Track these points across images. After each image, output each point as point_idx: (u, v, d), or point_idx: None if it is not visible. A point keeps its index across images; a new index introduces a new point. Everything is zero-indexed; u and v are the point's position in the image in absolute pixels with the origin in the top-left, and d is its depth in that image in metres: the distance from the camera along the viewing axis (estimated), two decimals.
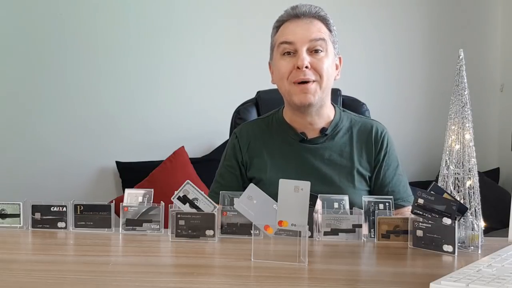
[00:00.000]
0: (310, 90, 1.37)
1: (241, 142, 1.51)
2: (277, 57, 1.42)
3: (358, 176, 1.44)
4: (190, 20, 3.07)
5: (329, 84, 1.41)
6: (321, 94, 1.39)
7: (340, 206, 1.19)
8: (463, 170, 1.10)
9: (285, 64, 1.39)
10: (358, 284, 0.87)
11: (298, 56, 1.37)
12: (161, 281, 0.89)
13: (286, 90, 1.41)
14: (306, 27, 1.38)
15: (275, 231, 1.02)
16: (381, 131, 1.48)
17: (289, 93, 1.40)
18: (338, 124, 1.47)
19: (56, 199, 1.28)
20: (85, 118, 3.04)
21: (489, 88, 3.20)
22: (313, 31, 1.38)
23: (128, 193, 1.26)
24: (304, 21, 1.39)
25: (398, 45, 3.17)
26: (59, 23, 3.01)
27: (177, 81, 3.09)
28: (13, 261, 1.02)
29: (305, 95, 1.37)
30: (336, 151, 1.45)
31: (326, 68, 1.38)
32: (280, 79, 1.41)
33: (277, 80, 1.44)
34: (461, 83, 1.10)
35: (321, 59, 1.38)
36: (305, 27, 1.38)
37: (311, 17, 1.40)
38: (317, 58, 1.37)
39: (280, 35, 1.42)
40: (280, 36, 1.42)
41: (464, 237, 1.08)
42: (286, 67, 1.39)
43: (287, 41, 1.38)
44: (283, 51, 1.40)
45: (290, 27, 1.40)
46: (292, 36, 1.38)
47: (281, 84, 1.42)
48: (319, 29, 1.39)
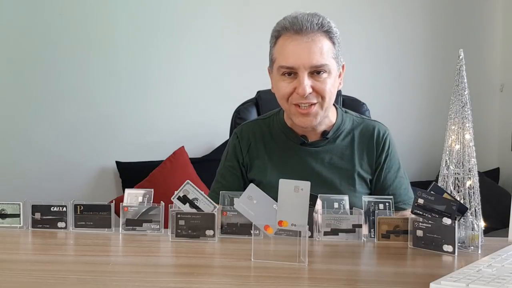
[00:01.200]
0: (312, 113, 1.34)
1: (242, 143, 1.50)
2: (277, 76, 1.37)
3: (359, 179, 1.42)
4: (190, 20, 3.07)
5: (331, 102, 1.38)
6: (323, 114, 1.37)
7: (340, 206, 1.19)
8: (463, 170, 1.10)
9: (285, 85, 1.34)
10: (358, 284, 0.87)
11: (299, 82, 1.31)
12: (161, 281, 0.89)
13: (286, 110, 1.39)
14: (308, 48, 1.29)
15: (275, 231, 1.02)
16: (383, 133, 1.46)
17: (289, 114, 1.39)
18: (340, 127, 1.46)
19: (56, 199, 1.28)
20: (85, 118, 3.04)
21: (489, 88, 3.20)
22: (315, 54, 1.29)
23: (128, 193, 1.26)
24: (305, 39, 1.30)
25: (398, 45, 3.17)
26: (58, 23, 3.00)
27: (177, 81, 3.08)
28: (13, 261, 1.02)
29: (306, 119, 1.35)
30: (337, 154, 1.43)
31: (328, 89, 1.33)
32: (281, 98, 1.38)
33: (277, 98, 1.41)
34: (461, 83, 1.10)
35: (324, 80, 1.32)
36: (307, 49, 1.29)
37: (313, 32, 1.31)
38: (319, 81, 1.32)
39: (279, 52, 1.35)
40: (279, 54, 1.35)
41: (464, 237, 1.08)
42: (286, 89, 1.34)
43: (287, 66, 1.32)
44: (283, 73, 1.34)
45: (290, 47, 1.31)
46: (292, 60, 1.31)
47: (282, 103, 1.39)
48: (321, 49, 1.30)
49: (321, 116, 1.37)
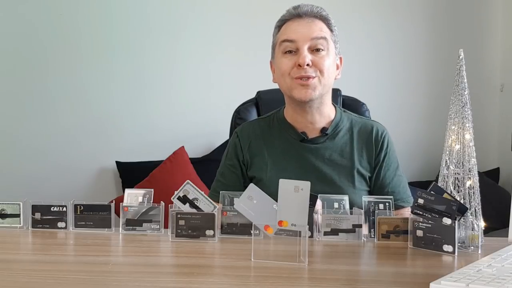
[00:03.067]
0: (311, 85, 1.37)
1: (242, 141, 1.51)
2: (279, 55, 1.43)
3: (358, 176, 1.44)
4: (190, 20, 3.07)
5: (330, 82, 1.42)
6: (322, 90, 1.39)
7: (340, 206, 1.19)
8: (463, 170, 1.10)
9: (286, 61, 1.40)
10: (358, 284, 0.87)
11: (299, 54, 1.37)
12: (161, 281, 0.89)
13: (287, 86, 1.41)
14: (308, 26, 1.40)
15: (275, 231, 1.02)
16: (381, 132, 1.48)
17: (290, 89, 1.40)
18: (339, 124, 1.47)
19: (56, 199, 1.28)
20: (85, 118, 3.04)
21: (489, 88, 3.20)
22: (314, 30, 1.39)
23: (128, 193, 1.26)
24: (305, 20, 1.40)
25: (398, 45, 3.17)
26: (58, 23, 3.00)
27: (177, 81, 3.08)
28: (13, 261, 1.02)
29: (306, 90, 1.37)
30: (336, 150, 1.45)
31: (327, 65, 1.38)
32: (281, 75, 1.42)
33: (278, 77, 1.45)
34: (461, 83, 1.10)
35: (323, 57, 1.38)
36: (307, 26, 1.39)
37: (312, 16, 1.41)
38: (318, 56, 1.38)
39: (281, 33, 1.43)
40: (281, 34, 1.43)
41: (464, 237, 1.08)
42: (288, 65, 1.39)
43: (288, 39, 1.39)
44: (284, 50, 1.40)
45: (292, 26, 1.41)
46: (293, 35, 1.39)
47: (282, 80, 1.42)
48: (320, 28, 1.40)
49: (319, 92, 1.39)
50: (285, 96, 1.46)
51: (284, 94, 1.46)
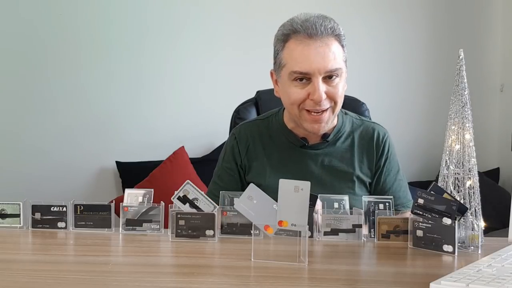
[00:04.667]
0: (323, 119, 1.32)
1: (240, 144, 1.47)
2: (287, 81, 1.32)
3: (359, 182, 1.42)
4: (190, 20, 3.07)
5: (341, 106, 1.37)
6: (333, 119, 1.36)
7: (340, 206, 1.19)
8: (463, 170, 1.10)
9: (297, 91, 1.30)
10: (358, 284, 0.87)
11: (313, 87, 1.28)
12: (161, 281, 0.89)
13: (297, 116, 1.34)
14: (322, 52, 1.27)
15: (275, 231, 1.02)
16: (382, 136, 1.45)
17: (299, 119, 1.35)
18: (340, 130, 1.44)
19: (56, 199, 1.28)
20: (85, 118, 3.04)
21: (489, 88, 3.20)
22: (329, 59, 1.27)
23: (128, 193, 1.25)
24: (318, 44, 1.27)
25: (399, 45, 3.17)
26: (58, 23, 3.00)
27: (177, 81, 3.08)
28: (13, 261, 1.02)
29: (318, 125, 1.33)
30: (336, 157, 1.42)
31: (340, 93, 1.32)
32: (291, 104, 1.33)
33: (285, 103, 1.37)
34: (461, 83, 1.10)
35: (336, 85, 1.30)
36: (321, 53, 1.27)
37: (327, 36, 1.28)
38: (332, 86, 1.30)
39: (290, 57, 1.30)
40: (290, 58, 1.30)
41: (464, 237, 1.08)
42: (299, 95, 1.30)
43: (301, 72, 1.28)
44: (295, 78, 1.30)
45: (303, 53, 1.27)
46: (307, 65, 1.27)
47: (291, 108, 1.34)
48: (334, 54, 1.28)
49: (330, 121, 1.36)
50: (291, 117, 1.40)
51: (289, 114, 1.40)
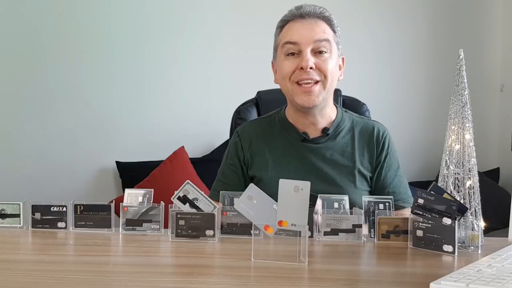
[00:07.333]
0: (314, 92, 1.37)
1: (243, 140, 1.51)
2: (281, 57, 1.41)
3: (360, 176, 1.44)
4: (190, 20, 3.07)
5: (333, 85, 1.41)
6: (325, 94, 1.39)
7: (340, 206, 1.19)
8: (463, 170, 1.10)
9: (288, 64, 1.39)
10: (358, 284, 0.87)
11: (302, 57, 1.36)
12: (161, 281, 0.89)
13: (289, 90, 1.40)
14: (311, 27, 1.38)
15: (275, 231, 1.02)
16: (382, 132, 1.48)
17: (291, 94, 1.40)
18: (340, 124, 1.47)
19: (56, 199, 1.28)
20: (85, 118, 3.04)
21: (489, 88, 3.20)
22: (317, 32, 1.37)
23: (128, 193, 1.26)
24: (308, 21, 1.39)
25: (399, 45, 3.17)
26: (58, 23, 3.00)
27: (177, 81, 3.08)
28: (13, 261, 1.02)
29: (308, 97, 1.37)
30: (337, 151, 1.45)
31: (330, 68, 1.37)
32: (283, 78, 1.41)
33: (280, 80, 1.44)
34: (461, 83, 1.10)
35: (326, 60, 1.37)
36: (310, 27, 1.38)
37: (315, 17, 1.39)
38: (321, 59, 1.37)
39: (284, 35, 1.41)
40: (284, 36, 1.41)
41: (464, 237, 1.08)
42: (290, 67, 1.38)
43: (291, 41, 1.38)
44: (287, 52, 1.39)
45: (295, 27, 1.39)
46: (296, 36, 1.37)
47: (284, 84, 1.42)
48: (323, 30, 1.38)
49: (323, 97, 1.38)
50: (287, 98, 1.46)
51: (286, 96, 1.46)
